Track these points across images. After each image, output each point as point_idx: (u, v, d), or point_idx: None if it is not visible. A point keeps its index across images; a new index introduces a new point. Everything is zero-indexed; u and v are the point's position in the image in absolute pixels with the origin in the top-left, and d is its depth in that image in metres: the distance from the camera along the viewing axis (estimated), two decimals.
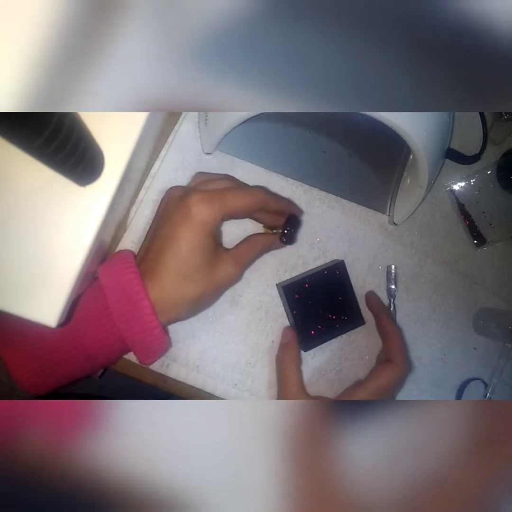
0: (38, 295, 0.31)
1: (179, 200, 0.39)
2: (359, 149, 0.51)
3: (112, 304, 0.36)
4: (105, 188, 0.33)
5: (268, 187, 0.49)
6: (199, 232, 0.37)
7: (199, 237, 0.37)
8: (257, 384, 0.47)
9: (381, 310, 0.49)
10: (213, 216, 0.37)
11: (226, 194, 0.39)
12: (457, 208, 0.54)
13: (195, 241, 0.37)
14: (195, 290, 0.38)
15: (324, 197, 0.50)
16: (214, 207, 0.37)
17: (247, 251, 0.42)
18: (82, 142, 0.28)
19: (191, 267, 0.38)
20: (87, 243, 0.32)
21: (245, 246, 0.43)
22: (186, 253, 0.37)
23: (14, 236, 0.31)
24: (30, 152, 0.25)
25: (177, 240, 0.37)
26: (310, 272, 0.48)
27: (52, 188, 0.32)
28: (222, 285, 0.41)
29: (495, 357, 0.54)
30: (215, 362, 0.46)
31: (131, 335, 0.36)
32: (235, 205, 0.39)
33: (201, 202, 0.37)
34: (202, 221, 0.37)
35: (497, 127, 0.55)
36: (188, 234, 0.37)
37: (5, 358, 0.34)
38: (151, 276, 0.37)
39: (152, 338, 0.37)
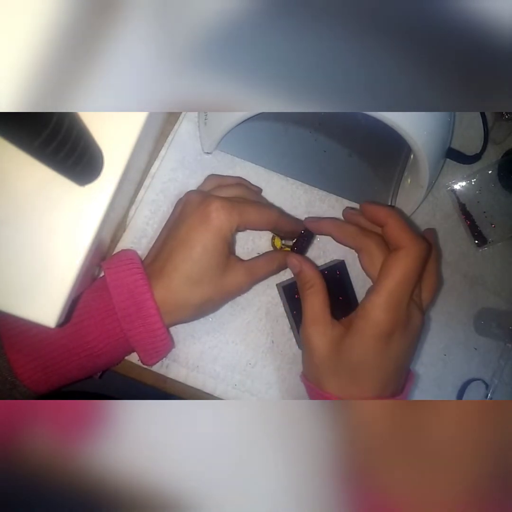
0: (37, 295, 0.31)
1: (198, 204, 0.39)
2: (359, 149, 0.51)
3: (118, 303, 0.36)
4: (105, 187, 0.33)
5: (268, 187, 0.49)
6: (214, 237, 0.37)
7: (214, 242, 0.38)
8: (257, 384, 0.47)
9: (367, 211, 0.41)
10: (230, 224, 0.38)
11: (245, 208, 0.39)
12: (458, 208, 0.54)
13: (209, 245, 0.37)
14: (202, 294, 0.38)
15: (325, 197, 0.50)
16: (233, 216, 0.38)
17: (262, 266, 0.43)
18: (81, 142, 0.28)
19: (202, 271, 0.38)
20: (87, 243, 0.32)
21: (261, 260, 0.43)
22: (198, 257, 0.37)
23: (13, 236, 0.31)
24: (29, 152, 0.25)
25: (192, 243, 0.37)
26: None
27: (51, 188, 0.32)
28: (230, 293, 0.41)
29: (496, 357, 0.54)
30: (215, 362, 0.46)
31: (134, 335, 0.36)
32: (251, 220, 0.40)
33: (221, 208, 0.38)
34: (220, 227, 0.37)
35: (498, 126, 0.55)
36: (203, 237, 0.37)
37: (8, 354, 0.34)
38: (160, 276, 0.37)
39: (155, 339, 0.37)
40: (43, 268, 0.32)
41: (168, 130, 0.48)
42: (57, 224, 0.32)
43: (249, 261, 0.42)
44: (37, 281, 0.31)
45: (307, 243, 0.47)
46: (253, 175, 0.48)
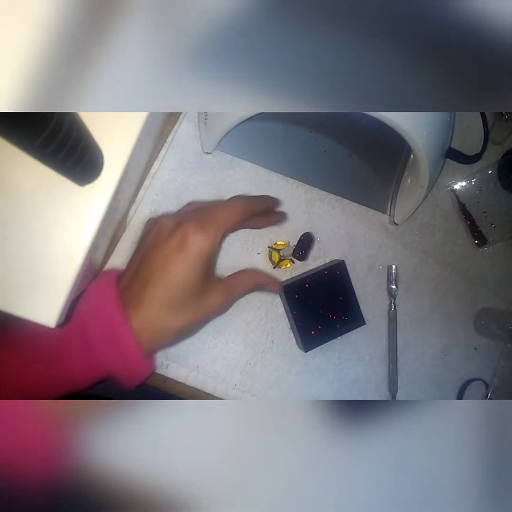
0: (38, 295, 0.31)
1: (172, 230, 0.37)
2: (359, 149, 0.51)
3: (95, 339, 0.35)
4: (105, 187, 0.33)
5: (268, 187, 0.49)
6: (194, 264, 0.36)
7: (195, 269, 0.36)
8: (257, 385, 0.47)
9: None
10: (210, 244, 0.37)
11: (217, 217, 0.38)
12: (458, 208, 0.54)
13: (190, 273, 0.36)
14: (183, 320, 0.37)
15: (325, 197, 0.50)
16: (210, 234, 0.37)
17: (239, 285, 0.42)
18: (81, 142, 0.28)
19: (182, 297, 0.37)
20: (87, 243, 0.32)
21: (238, 279, 0.42)
22: (178, 285, 0.36)
23: (13, 236, 0.31)
24: (29, 152, 0.25)
25: (170, 271, 0.36)
26: (310, 272, 0.48)
27: (51, 188, 0.32)
28: (210, 315, 0.40)
29: (495, 357, 0.54)
30: (215, 362, 0.46)
31: (113, 366, 0.35)
32: (228, 224, 0.38)
33: (197, 231, 0.36)
34: (200, 252, 0.36)
35: (498, 126, 0.55)
36: (183, 265, 0.36)
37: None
38: (138, 304, 0.36)
39: (134, 369, 0.36)
40: (43, 268, 0.32)
41: (168, 130, 0.48)
42: (57, 224, 0.32)
43: (228, 280, 0.41)
44: (37, 281, 0.31)
45: (307, 247, 0.47)
46: (253, 175, 0.48)
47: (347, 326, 0.48)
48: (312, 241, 0.48)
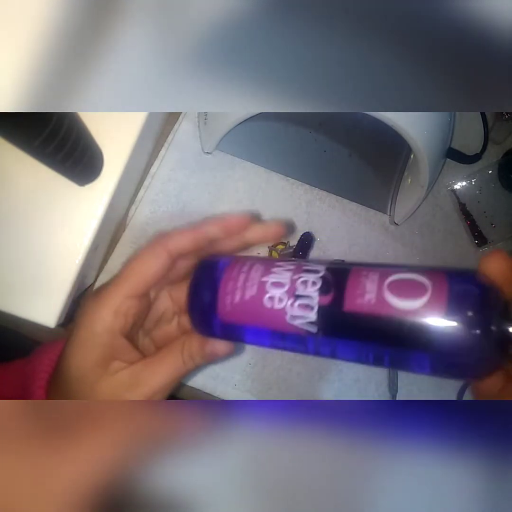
0: (37, 295, 0.31)
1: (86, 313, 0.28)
2: (359, 149, 0.51)
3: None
4: (104, 187, 0.33)
5: (268, 187, 0.49)
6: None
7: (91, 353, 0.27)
8: (257, 384, 0.47)
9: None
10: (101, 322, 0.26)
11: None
12: (458, 207, 0.54)
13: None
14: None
15: (325, 197, 0.50)
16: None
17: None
18: (81, 142, 0.28)
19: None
20: (86, 243, 0.32)
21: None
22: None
23: (13, 236, 0.31)
24: (29, 151, 0.25)
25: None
26: None
27: (51, 188, 0.32)
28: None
29: None
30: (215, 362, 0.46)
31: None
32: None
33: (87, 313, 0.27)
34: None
35: (498, 126, 0.55)
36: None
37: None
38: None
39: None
40: (43, 268, 0.32)
41: (168, 130, 0.48)
42: (57, 224, 0.32)
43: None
44: (37, 281, 0.31)
45: (307, 247, 0.47)
46: (253, 175, 0.48)
47: None
48: (312, 241, 0.48)
